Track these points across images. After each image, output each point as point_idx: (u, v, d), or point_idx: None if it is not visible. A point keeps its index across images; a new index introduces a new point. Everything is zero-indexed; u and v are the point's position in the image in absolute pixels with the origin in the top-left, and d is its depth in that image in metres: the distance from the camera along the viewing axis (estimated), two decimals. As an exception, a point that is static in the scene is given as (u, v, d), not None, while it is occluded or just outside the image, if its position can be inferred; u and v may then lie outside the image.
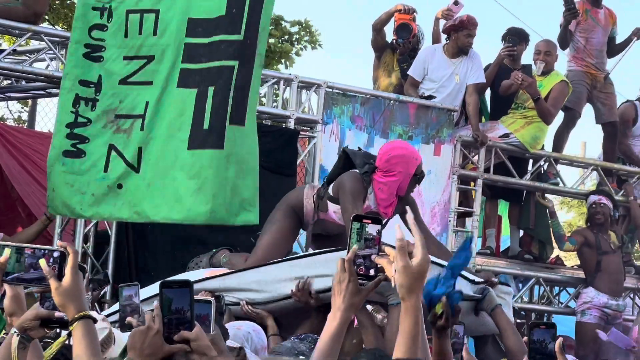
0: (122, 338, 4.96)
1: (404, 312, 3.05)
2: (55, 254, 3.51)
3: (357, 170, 7.63)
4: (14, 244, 3.55)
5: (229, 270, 7.63)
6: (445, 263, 6.80)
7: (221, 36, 6.91)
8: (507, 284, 8.38)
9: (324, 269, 6.94)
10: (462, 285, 6.85)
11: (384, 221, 5.85)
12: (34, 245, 3.59)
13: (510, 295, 7.92)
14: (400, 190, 7.54)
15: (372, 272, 3.23)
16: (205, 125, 7.04)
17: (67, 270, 3.43)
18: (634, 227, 11.60)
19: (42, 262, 3.48)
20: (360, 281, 3.18)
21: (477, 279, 7.45)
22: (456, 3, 11.25)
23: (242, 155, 7.23)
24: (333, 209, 7.63)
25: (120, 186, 7.24)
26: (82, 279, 3.55)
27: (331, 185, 7.65)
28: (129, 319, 5.37)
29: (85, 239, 9.10)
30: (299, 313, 7.28)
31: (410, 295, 3.02)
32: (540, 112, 10.97)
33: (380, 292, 6.53)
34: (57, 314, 3.99)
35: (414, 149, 8.33)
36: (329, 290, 6.30)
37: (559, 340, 4.17)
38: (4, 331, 4.31)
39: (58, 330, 4.25)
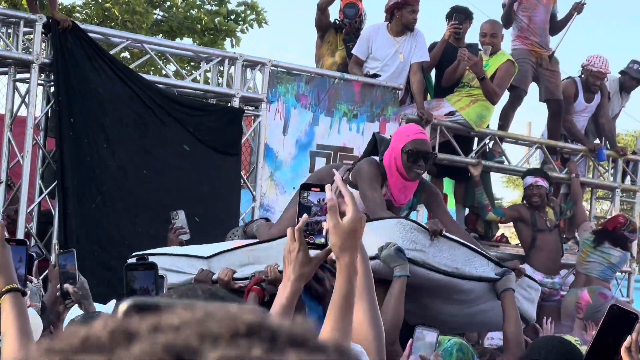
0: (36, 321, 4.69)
1: (338, 271, 3.04)
2: None
3: (375, 157, 7.60)
4: None
5: (253, 241, 7.65)
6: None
7: None
8: (535, 280, 8.26)
9: None
10: (486, 267, 7.15)
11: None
12: None
13: (537, 291, 7.86)
14: (399, 169, 7.35)
15: (322, 240, 3.22)
16: None
17: None
18: (573, 202, 11.69)
19: None
20: (310, 250, 3.16)
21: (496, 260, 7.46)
22: None
23: None
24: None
25: None
26: (10, 252, 3.43)
27: (351, 173, 7.57)
28: (65, 285, 5.39)
29: (28, 219, 9.05)
30: None
31: (343, 254, 3.00)
32: (486, 91, 11.03)
33: (387, 262, 6.57)
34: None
35: (416, 127, 8.16)
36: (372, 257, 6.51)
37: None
38: None
39: None
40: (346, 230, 2.99)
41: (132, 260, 6.66)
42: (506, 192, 36.67)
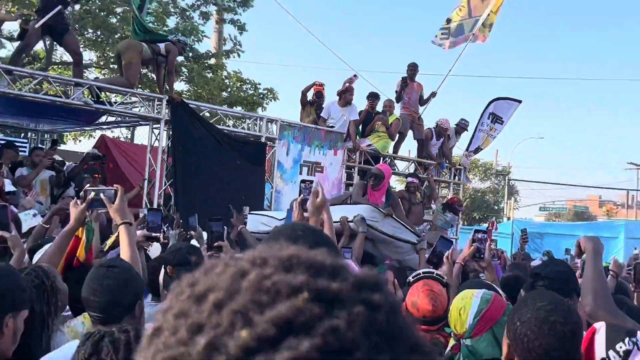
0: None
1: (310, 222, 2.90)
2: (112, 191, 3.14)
3: (364, 182, 7.83)
4: (96, 188, 3.22)
5: None
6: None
7: None
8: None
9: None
10: (412, 236, 6.73)
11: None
12: (103, 188, 3.23)
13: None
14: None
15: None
16: None
17: (117, 199, 3.09)
18: (430, 189, 11.63)
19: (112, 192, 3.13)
20: (305, 212, 3.03)
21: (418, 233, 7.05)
22: (355, 76, 11.32)
23: None
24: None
25: None
26: (126, 203, 3.15)
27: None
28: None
29: (159, 197, 8.96)
30: None
31: (312, 215, 2.87)
32: (390, 134, 11.01)
33: (356, 224, 6.22)
34: (153, 234, 3.98)
35: (381, 165, 8.57)
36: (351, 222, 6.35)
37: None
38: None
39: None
40: (316, 205, 2.88)
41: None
42: (399, 186, 36.62)
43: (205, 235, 4.94)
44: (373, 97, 11.31)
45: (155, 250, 4.83)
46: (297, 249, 0.66)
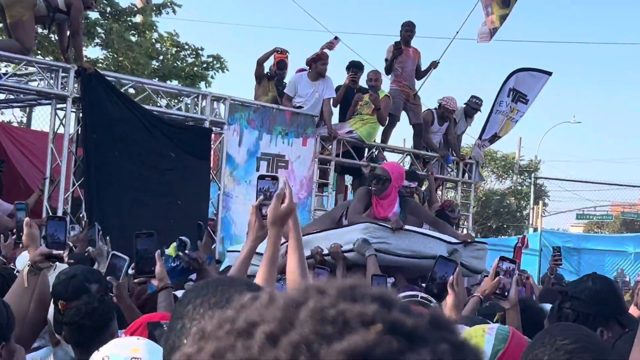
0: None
1: (269, 237, 2.96)
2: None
3: (368, 187, 7.48)
4: None
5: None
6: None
7: None
8: (484, 242, 8.15)
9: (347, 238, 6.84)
10: (440, 246, 6.94)
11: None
12: None
13: (484, 251, 7.58)
14: None
15: None
16: None
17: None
18: (429, 191, 11.76)
19: None
20: (264, 220, 3.08)
21: (453, 240, 7.18)
22: (336, 38, 11.36)
23: None
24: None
25: None
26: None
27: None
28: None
29: (65, 202, 8.99)
30: None
31: (273, 226, 2.93)
32: (379, 117, 11.09)
33: (359, 251, 6.54)
34: (54, 252, 3.91)
35: (389, 162, 8.33)
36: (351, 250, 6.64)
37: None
38: None
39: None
40: (282, 212, 2.92)
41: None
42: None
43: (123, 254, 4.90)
44: (355, 67, 11.38)
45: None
46: (357, 279, 0.74)
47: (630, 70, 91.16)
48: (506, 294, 3.85)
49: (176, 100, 11.35)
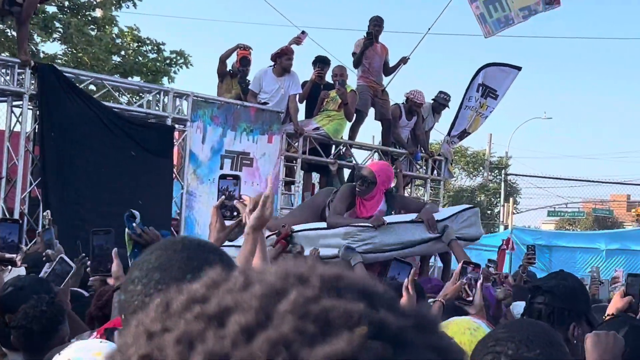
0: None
1: (246, 241, 2.96)
2: None
3: (352, 184, 7.36)
4: None
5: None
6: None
7: None
8: (473, 207, 8.12)
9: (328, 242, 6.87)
10: (425, 230, 6.99)
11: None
12: None
13: (475, 215, 7.56)
14: None
15: (235, 213, 3.24)
16: None
17: None
18: (397, 188, 11.80)
19: None
20: (226, 221, 3.13)
21: (439, 217, 7.18)
22: (303, 33, 11.36)
23: None
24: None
25: None
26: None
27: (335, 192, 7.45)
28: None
29: (22, 202, 8.91)
30: None
31: (255, 232, 2.95)
32: (346, 112, 11.11)
33: (345, 258, 6.55)
34: (6, 255, 3.86)
35: (375, 162, 8.20)
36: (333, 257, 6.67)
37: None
38: None
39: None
40: (262, 220, 2.95)
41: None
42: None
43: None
44: (321, 63, 11.39)
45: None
46: (338, 267, 0.70)
47: (601, 66, 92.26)
48: (471, 299, 3.89)
49: (137, 97, 11.29)
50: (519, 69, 13.19)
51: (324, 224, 7.14)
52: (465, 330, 2.74)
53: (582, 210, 33.36)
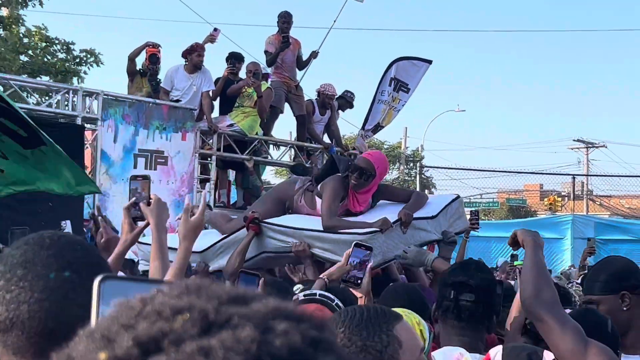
0: None
1: (180, 250, 3.01)
2: None
3: (339, 174, 6.36)
4: None
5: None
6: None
7: None
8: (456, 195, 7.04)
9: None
10: (428, 226, 6.28)
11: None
12: None
13: (461, 205, 6.89)
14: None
15: (139, 213, 3.26)
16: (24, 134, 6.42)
17: None
18: None
19: None
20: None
21: (431, 214, 6.39)
22: (216, 30, 11.32)
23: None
24: (319, 205, 6.33)
25: None
26: None
27: (319, 185, 6.41)
28: None
29: None
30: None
31: (185, 240, 3.00)
32: (260, 107, 11.11)
33: (416, 261, 5.57)
34: None
35: (371, 152, 7.03)
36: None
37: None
38: None
39: None
40: (191, 226, 3.00)
41: None
42: (277, 179, 37.04)
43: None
44: (234, 59, 11.38)
45: None
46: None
47: (511, 57, 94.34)
48: (359, 281, 3.86)
49: (47, 97, 11.10)
50: (429, 62, 13.40)
51: (314, 221, 6.29)
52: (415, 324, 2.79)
53: (496, 200, 34.09)
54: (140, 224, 3.28)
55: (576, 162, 37.20)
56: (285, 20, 12.02)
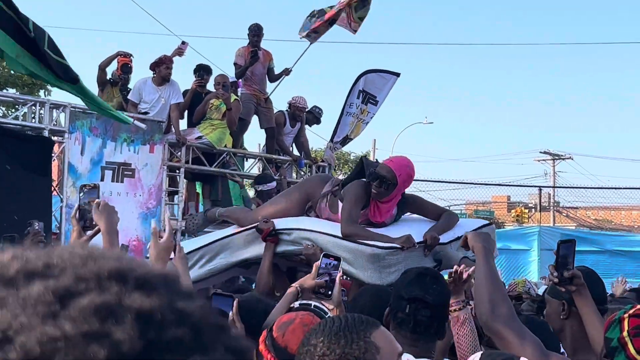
0: None
1: None
2: None
3: (364, 180, 5.94)
4: None
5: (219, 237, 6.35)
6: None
7: None
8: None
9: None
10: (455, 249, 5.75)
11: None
12: None
13: (494, 232, 6.17)
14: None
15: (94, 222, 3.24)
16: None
17: None
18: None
19: None
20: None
21: (448, 239, 5.88)
22: (183, 43, 11.33)
23: None
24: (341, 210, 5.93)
25: None
26: None
27: (343, 190, 6.01)
28: None
29: None
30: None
31: (158, 262, 3.02)
32: (230, 119, 11.12)
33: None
34: None
35: (395, 157, 6.33)
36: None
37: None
38: None
39: None
40: (161, 248, 3.02)
41: None
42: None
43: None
44: (202, 71, 11.38)
45: None
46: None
47: (479, 70, 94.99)
48: (330, 292, 3.81)
49: (13, 109, 11.03)
50: (397, 75, 13.49)
51: (331, 227, 5.89)
52: None
53: (464, 212, 34.25)
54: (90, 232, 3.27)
55: (543, 174, 37.52)
56: (255, 33, 12.05)
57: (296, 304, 3.40)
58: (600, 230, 27.47)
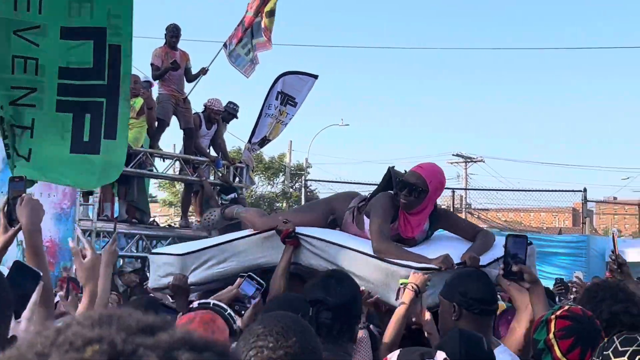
0: None
1: (85, 295, 2.97)
2: None
3: (391, 192, 5.32)
4: None
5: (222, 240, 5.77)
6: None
7: (90, 81, 6.15)
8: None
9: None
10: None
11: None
12: None
13: (535, 253, 5.37)
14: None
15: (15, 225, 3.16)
16: (86, 138, 6.25)
17: None
18: (208, 198, 11.87)
19: None
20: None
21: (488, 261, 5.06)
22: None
23: (112, 159, 6.42)
24: (367, 226, 5.24)
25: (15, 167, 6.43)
26: None
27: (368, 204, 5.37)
28: None
29: None
30: None
31: (87, 283, 2.98)
32: (150, 119, 11.00)
33: None
34: None
35: (424, 163, 5.43)
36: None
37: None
38: None
39: None
40: (88, 267, 2.97)
41: None
42: (160, 193, 36.66)
43: None
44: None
45: None
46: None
47: (395, 74, 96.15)
48: (243, 312, 3.88)
49: None
50: (315, 77, 13.59)
51: (361, 243, 5.19)
52: None
53: (379, 213, 34.48)
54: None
55: (455, 176, 38.16)
56: (174, 34, 11.95)
57: (195, 304, 3.42)
58: (510, 232, 28.08)
